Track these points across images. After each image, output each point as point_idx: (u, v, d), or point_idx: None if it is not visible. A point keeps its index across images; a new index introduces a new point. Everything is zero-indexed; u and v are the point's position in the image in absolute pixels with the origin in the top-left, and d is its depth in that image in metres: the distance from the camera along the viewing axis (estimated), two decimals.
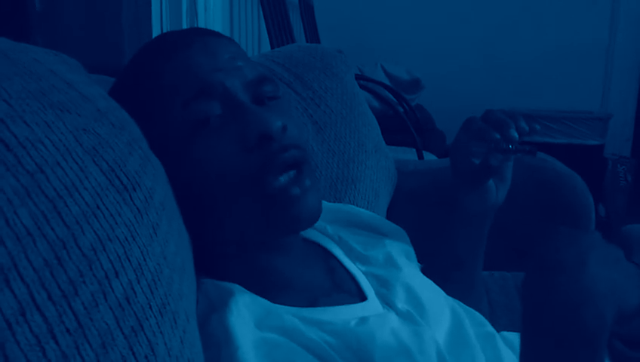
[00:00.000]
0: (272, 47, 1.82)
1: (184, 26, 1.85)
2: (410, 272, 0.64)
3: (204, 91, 0.51)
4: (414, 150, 1.75)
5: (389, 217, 1.08)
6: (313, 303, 0.55)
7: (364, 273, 0.62)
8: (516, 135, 0.59)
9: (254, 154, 0.51)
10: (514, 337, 0.70)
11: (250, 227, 0.53)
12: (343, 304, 0.56)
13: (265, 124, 0.50)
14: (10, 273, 0.26)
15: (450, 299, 0.64)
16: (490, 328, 0.65)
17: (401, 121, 1.80)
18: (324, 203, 0.71)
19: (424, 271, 0.69)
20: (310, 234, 0.64)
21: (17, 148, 0.30)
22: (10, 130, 0.31)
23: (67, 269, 0.29)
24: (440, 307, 0.61)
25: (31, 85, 0.37)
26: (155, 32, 1.85)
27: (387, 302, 0.59)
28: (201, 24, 1.85)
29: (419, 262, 0.72)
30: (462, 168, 0.64)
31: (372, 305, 0.58)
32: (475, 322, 0.63)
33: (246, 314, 0.49)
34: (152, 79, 0.53)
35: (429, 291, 0.63)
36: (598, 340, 0.42)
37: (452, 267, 0.71)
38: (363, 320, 0.54)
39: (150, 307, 0.34)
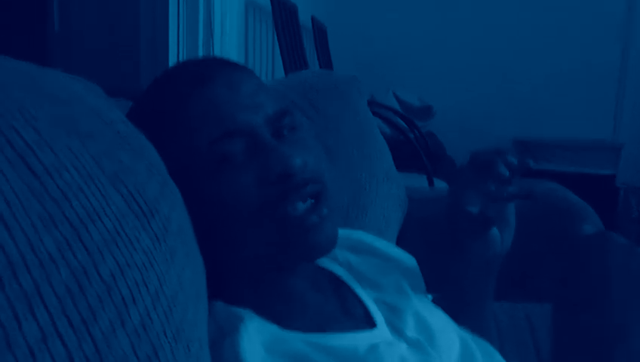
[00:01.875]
0: (286, 72, 1.84)
1: (200, 51, 1.88)
2: (421, 301, 0.64)
3: (229, 131, 0.53)
4: (425, 176, 1.75)
5: (398, 244, 1.08)
6: (323, 329, 0.55)
7: (374, 300, 0.62)
8: (506, 172, 0.58)
9: (274, 187, 0.52)
10: None
11: (265, 253, 0.54)
12: (352, 330, 0.56)
13: (286, 162, 0.52)
14: (34, 300, 0.27)
15: (460, 329, 0.64)
16: (499, 358, 0.64)
17: (412, 148, 1.81)
18: None
19: (433, 302, 0.69)
20: (321, 260, 0.65)
21: (43, 176, 0.31)
22: (37, 156, 0.32)
23: (87, 296, 0.30)
24: (450, 336, 0.61)
25: (58, 112, 0.38)
26: (172, 55, 1.88)
27: (397, 330, 0.59)
28: (217, 49, 1.88)
29: (428, 291, 0.72)
30: (461, 221, 0.62)
31: (381, 332, 0.58)
32: (484, 353, 0.63)
33: (256, 339, 0.49)
34: (175, 110, 0.54)
35: (439, 320, 0.62)
36: None
37: (460, 302, 0.70)
38: (372, 347, 0.54)
39: (165, 334, 0.35)
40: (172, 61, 1.90)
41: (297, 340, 0.51)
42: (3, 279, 0.26)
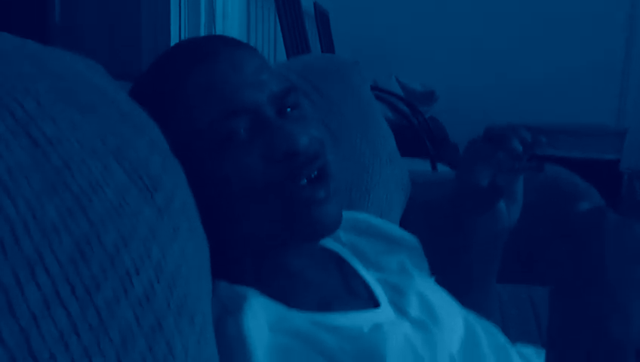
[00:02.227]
0: (288, 56, 1.83)
1: (202, 34, 1.87)
2: (424, 281, 0.64)
3: (233, 110, 0.52)
4: (428, 161, 1.75)
5: (402, 226, 1.07)
6: (327, 308, 0.55)
7: (378, 280, 0.62)
8: (520, 147, 0.59)
9: (280, 165, 0.52)
10: (527, 350, 0.69)
11: (270, 231, 0.54)
12: (356, 310, 0.56)
13: (291, 141, 0.51)
14: (37, 266, 0.27)
15: (463, 309, 0.64)
16: (503, 339, 0.64)
17: (415, 133, 1.80)
18: None
19: (437, 283, 0.69)
20: (324, 241, 0.65)
21: (45, 145, 0.31)
22: (38, 126, 0.32)
23: (91, 265, 0.30)
24: (453, 316, 0.61)
25: (59, 86, 0.38)
26: (174, 39, 1.87)
27: (400, 310, 0.59)
28: (219, 32, 1.88)
29: (432, 273, 0.72)
30: (470, 192, 0.63)
31: (385, 311, 0.58)
32: (488, 332, 0.63)
33: (260, 317, 0.49)
34: (177, 88, 0.54)
35: (443, 300, 0.63)
36: (626, 352, 0.41)
37: (464, 284, 0.70)
38: (376, 326, 0.54)
39: (169, 306, 0.35)
40: None
41: (302, 319, 0.51)
42: (5, 244, 0.26)
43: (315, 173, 0.54)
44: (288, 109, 0.55)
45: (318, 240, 0.59)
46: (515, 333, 0.89)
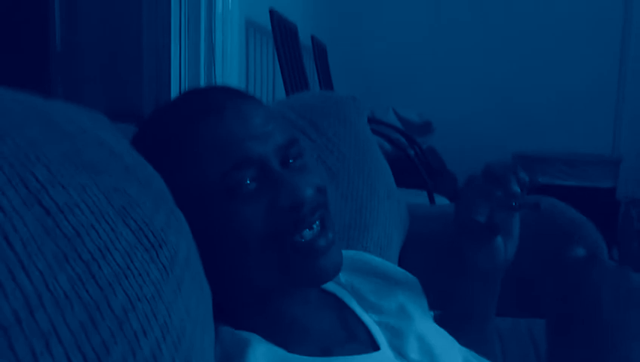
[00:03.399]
0: (287, 91, 1.86)
1: (202, 73, 1.89)
2: (423, 322, 0.64)
3: (240, 162, 0.53)
4: (425, 192, 1.76)
5: (400, 261, 1.08)
6: (327, 353, 0.55)
7: (377, 323, 0.62)
8: (518, 189, 0.60)
9: (284, 216, 0.53)
10: None
11: (272, 280, 0.55)
12: (356, 354, 0.57)
13: (297, 194, 0.53)
14: (51, 337, 0.28)
15: (463, 349, 0.65)
16: None
17: (413, 164, 1.82)
18: None
19: (436, 319, 0.69)
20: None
21: (57, 214, 0.32)
22: (50, 195, 0.33)
23: (100, 331, 0.31)
24: (453, 358, 0.61)
25: (67, 148, 0.39)
26: (174, 76, 1.90)
27: (400, 353, 0.59)
28: (219, 70, 1.90)
29: (431, 308, 0.73)
30: (468, 227, 0.65)
31: (385, 355, 0.58)
32: None
33: None
34: (184, 141, 0.55)
35: (443, 342, 0.63)
36: None
37: (463, 319, 0.71)
38: None
39: None
40: (175, 81, 1.91)
41: None
42: (21, 318, 0.27)
43: (317, 222, 0.55)
44: (291, 160, 0.56)
45: (320, 286, 0.60)
46: None
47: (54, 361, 0.27)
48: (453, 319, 0.71)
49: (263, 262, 0.54)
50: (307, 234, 0.54)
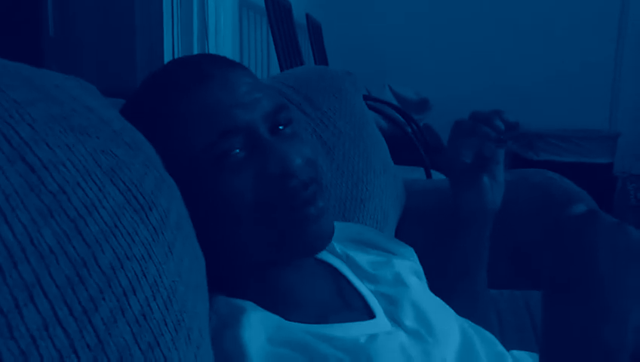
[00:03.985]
0: (281, 69, 1.85)
1: (195, 49, 1.88)
2: (419, 291, 0.64)
3: (226, 130, 0.53)
4: (422, 169, 1.76)
5: (397, 236, 1.08)
6: (323, 320, 0.56)
7: (373, 292, 0.63)
8: (502, 125, 0.66)
9: (274, 186, 0.53)
10: (524, 356, 0.70)
11: (265, 250, 0.55)
12: (352, 321, 0.57)
13: (286, 162, 0.52)
14: (35, 289, 0.27)
15: (460, 318, 0.65)
16: (500, 347, 0.65)
17: (410, 141, 1.81)
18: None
19: (432, 286, 0.70)
20: (319, 253, 0.65)
21: (41, 171, 0.32)
22: (34, 152, 0.32)
23: (88, 286, 0.30)
24: (449, 326, 0.61)
25: (53, 110, 0.38)
26: (167, 57, 1.88)
27: (395, 320, 0.59)
28: (212, 46, 1.89)
29: (427, 278, 0.73)
30: (457, 166, 0.69)
31: (381, 322, 0.58)
32: (485, 341, 0.64)
33: (258, 329, 0.50)
34: (171, 111, 0.54)
35: (438, 310, 0.63)
36: (619, 359, 0.42)
37: (458, 276, 0.73)
38: (372, 337, 0.54)
39: (165, 323, 0.35)
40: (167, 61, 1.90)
41: (299, 330, 0.52)
42: (3, 268, 0.26)
43: (309, 193, 0.54)
44: (281, 127, 0.56)
45: (312, 256, 0.60)
46: (513, 339, 0.89)
47: (39, 313, 0.27)
48: (447, 280, 0.72)
49: (254, 233, 0.53)
50: (299, 205, 0.53)
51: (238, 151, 0.53)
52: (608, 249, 0.44)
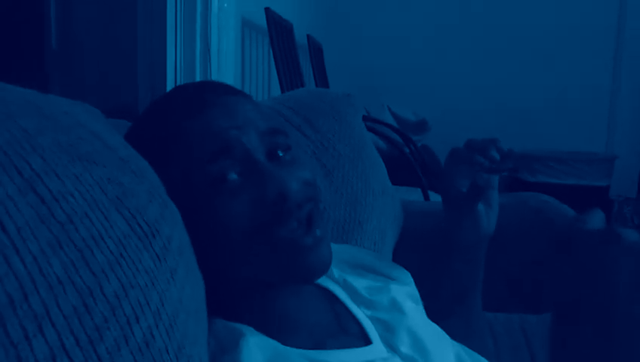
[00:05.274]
0: (282, 90, 1.86)
1: (198, 72, 1.89)
2: (415, 317, 0.65)
3: (223, 150, 0.53)
4: (420, 190, 1.77)
5: (394, 257, 1.09)
6: (320, 346, 0.56)
7: (369, 317, 0.63)
8: (497, 155, 0.67)
9: (269, 210, 0.53)
10: None
11: (261, 274, 0.55)
12: (348, 347, 0.57)
13: (281, 187, 0.52)
14: (44, 320, 0.28)
15: (455, 344, 0.65)
16: None
17: (408, 162, 1.82)
18: (331, 244, 0.73)
19: (428, 309, 0.70)
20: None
21: (51, 202, 0.33)
22: (44, 183, 0.33)
23: (93, 316, 0.31)
24: (445, 353, 0.62)
25: (61, 139, 0.39)
26: (170, 75, 1.90)
27: (391, 347, 0.60)
28: (214, 64, 1.90)
29: (423, 301, 0.74)
30: (452, 195, 0.71)
31: (377, 348, 0.59)
32: None
33: (256, 355, 0.50)
34: (173, 137, 0.55)
35: (434, 336, 0.63)
36: None
37: (453, 299, 0.73)
38: None
39: (167, 351, 0.36)
40: (170, 80, 1.92)
41: (297, 356, 0.52)
42: (14, 301, 0.27)
43: (305, 215, 0.54)
44: (280, 153, 0.56)
45: (308, 284, 0.60)
46: None
47: (48, 344, 0.28)
48: (443, 305, 0.72)
49: (249, 257, 0.54)
50: (293, 229, 0.53)
51: (235, 176, 0.53)
52: (630, 271, 0.42)
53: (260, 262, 0.54)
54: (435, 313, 0.69)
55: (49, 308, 0.29)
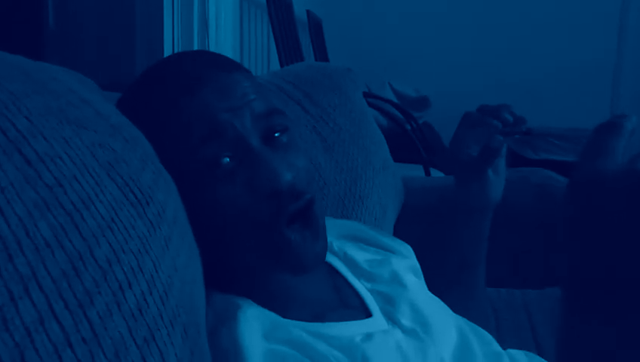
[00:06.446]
0: (282, 65, 1.84)
1: (195, 42, 1.87)
2: (416, 289, 0.64)
3: (214, 133, 0.52)
4: (421, 167, 1.76)
5: (395, 233, 1.08)
6: (320, 318, 0.55)
7: (369, 290, 0.62)
8: (510, 118, 0.68)
9: (264, 203, 0.52)
10: (520, 355, 0.70)
11: (257, 262, 0.55)
12: (348, 320, 0.57)
13: (275, 179, 0.51)
14: (30, 282, 0.27)
15: (457, 317, 0.65)
16: (497, 347, 0.65)
17: (409, 139, 1.81)
18: (331, 219, 0.72)
19: (429, 282, 0.70)
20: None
21: (37, 163, 0.32)
22: (30, 145, 0.32)
23: (83, 280, 0.30)
24: (446, 325, 0.61)
25: (50, 102, 0.38)
26: (167, 47, 1.88)
27: (392, 319, 0.59)
28: (212, 40, 1.88)
29: (424, 275, 0.73)
30: (462, 158, 0.70)
31: (377, 321, 0.58)
32: (482, 341, 0.64)
33: (255, 326, 0.50)
34: (165, 114, 0.53)
35: (435, 309, 0.63)
36: None
37: (456, 268, 0.73)
38: (368, 335, 0.54)
39: (162, 318, 0.35)
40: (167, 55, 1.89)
41: (295, 328, 0.52)
42: None
43: (302, 205, 0.53)
44: (277, 134, 0.54)
45: (298, 276, 0.58)
46: (510, 338, 0.89)
47: (35, 307, 0.27)
48: (446, 272, 0.72)
49: (246, 246, 0.53)
50: (290, 230, 0.52)
51: (228, 160, 0.51)
52: None
53: (255, 251, 0.53)
54: (437, 285, 0.68)
55: (36, 270, 0.28)
